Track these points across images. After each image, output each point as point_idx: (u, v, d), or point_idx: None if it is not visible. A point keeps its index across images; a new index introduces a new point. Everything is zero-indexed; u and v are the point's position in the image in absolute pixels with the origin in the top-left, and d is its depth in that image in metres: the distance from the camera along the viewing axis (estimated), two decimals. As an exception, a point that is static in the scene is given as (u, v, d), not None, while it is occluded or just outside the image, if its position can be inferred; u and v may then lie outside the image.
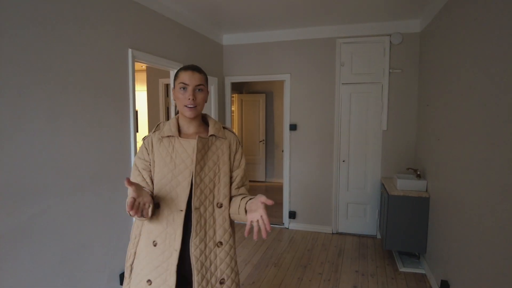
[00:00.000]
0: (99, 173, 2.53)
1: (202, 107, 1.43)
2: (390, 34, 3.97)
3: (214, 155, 1.43)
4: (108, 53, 2.59)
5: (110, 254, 2.66)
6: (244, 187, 1.52)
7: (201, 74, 1.41)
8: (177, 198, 1.38)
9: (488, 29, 2.10)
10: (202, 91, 1.41)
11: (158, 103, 4.95)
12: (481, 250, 2.07)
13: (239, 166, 1.50)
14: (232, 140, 1.50)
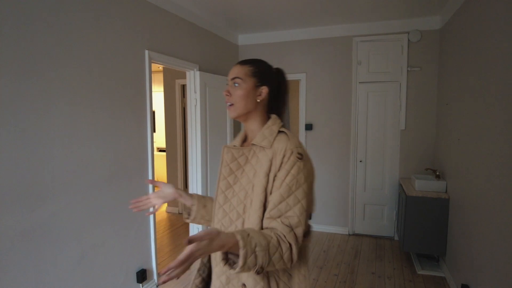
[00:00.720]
0: (116, 172, 2.58)
1: (241, 105, 1.14)
2: (408, 31, 3.88)
3: (251, 171, 1.11)
4: (125, 54, 2.64)
5: (127, 252, 2.71)
6: (280, 221, 0.99)
7: (243, 65, 1.17)
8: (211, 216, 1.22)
9: (511, 25, 2.02)
10: (239, 86, 1.14)
11: (175, 104, 5.01)
12: (504, 254, 2.00)
13: (279, 187, 1.02)
14: (279, 151, 1.05)
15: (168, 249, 3.84)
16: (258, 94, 1.15)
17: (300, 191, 1.01)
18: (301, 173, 1.02)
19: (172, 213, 5.17)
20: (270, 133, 1.12)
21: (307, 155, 1.08)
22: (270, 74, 1.19)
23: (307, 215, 1.06)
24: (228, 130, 4.12)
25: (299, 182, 1.01)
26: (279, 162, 1.04)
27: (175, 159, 5.10)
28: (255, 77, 1.15)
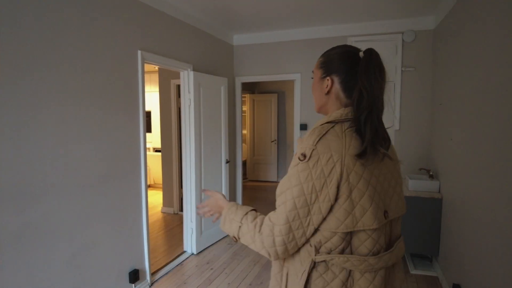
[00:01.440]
0: (108, 172, 2.58)
1: (315, 98, 1.14)
2: (402, 31, 3.89)
3: None
4: (118, 54, 2.63)
5: (120, 252, 2.71)
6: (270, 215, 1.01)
7: (321, 57, 1.12)
8: None
9: (505, 25, 2.03)
10: (313, 79, 1.14)
11: (170, 104, 5.00)
12: (495, 254, 2.00)
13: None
14: (299, 146, 1.01)
15: (163, 249, 3.83)
16: (324, 86, 1.07)
17: (288, 193, 0.94)
18: (296, 175, 0.94)
19: (167, 213, 5.16)
20: (313, 128, 1.03)
21: (327, 158, 0.92)
22: (338, 62, 1.05)
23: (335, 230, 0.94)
24: (223, 131, 4.12)
25: (290, 182, 0.95)
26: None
27: (170, 159, 5.09)
28: (321, 69, 1.09)
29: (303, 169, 0.93)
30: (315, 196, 0.92)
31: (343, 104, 1.05)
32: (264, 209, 5.39)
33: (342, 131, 0.97)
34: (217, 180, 4.07)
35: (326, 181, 0.91)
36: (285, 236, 0.94)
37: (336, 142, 0.94)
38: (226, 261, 3.55)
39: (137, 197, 2.89)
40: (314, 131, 0.99)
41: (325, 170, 0.92)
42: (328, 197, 0.91)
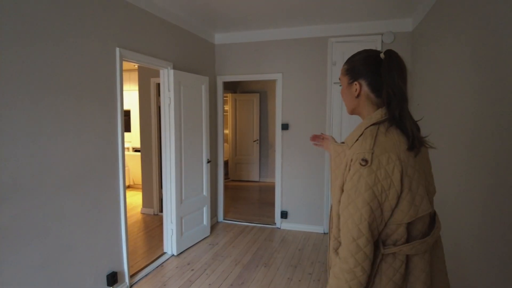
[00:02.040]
0: (85, 172, 2.50)
1: (346, 103, 1.22)
2: (382, 33, 3.96)
3: (340, 167, 1.14)
4: (95, 51, 2.56)
5: (97, 255, 2.63)
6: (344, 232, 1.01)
7: (344, 65, 1.21)
8: None
9: (478, 28, 2.09)
10: (341, 87, 1.23)
11: (150, 103, 4.91)
12: (471, 252, 2.06)
13: (343, 193, 1.05)
14: (351, 154, 1.04)
15: (143, 251, 3.76)
16: (353, 90, 1.15)
17: (360, 200, 0.97)
18: (362, 181, 0.97)
19: (147, 214, 5.07)
20: (357, 133, 1.10)
21: (387, 160, 0.97)
22: (362, 66, 1.13)
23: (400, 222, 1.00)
24: (204, 130, 4.08)
25: (359, 190, 0.97)
26: (348, 166, 1.04)
27: (150, 160, 5.00)
28: (347, 75, 1.17)
29: (369, 174, 0.97)
30: (385, 196, 0.97)
31: (375, 104, 1.13)
32: (246, 209, 5.39)
33: (387, 131, 1.04)
34: (198, 180, 4.02)
35: (392, 179, 0.97)
36: (370, 244, 0.98)
37: (388, 142, 1.01)
38: (207, 262, 3.51)
39: (115, 197, 2.81)
40: (366, 136, 1.04)
41: (388, 170, 0.97)
42: (396, 194, 0.98)
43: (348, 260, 0.99)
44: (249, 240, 4.15)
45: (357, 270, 0.98)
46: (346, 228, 1.00)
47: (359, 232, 0.97)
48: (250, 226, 4.66)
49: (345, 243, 1.00)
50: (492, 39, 1.85)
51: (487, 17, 1.93)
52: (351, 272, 0.99)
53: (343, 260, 1.00)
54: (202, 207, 4.14)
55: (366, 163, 0.98)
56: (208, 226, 4.26)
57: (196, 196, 4.01)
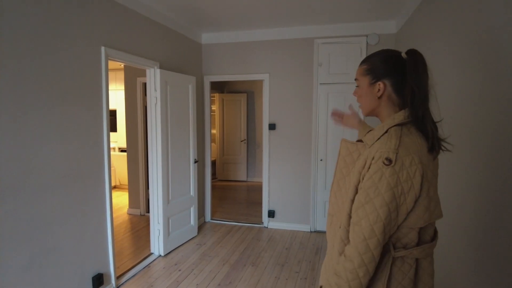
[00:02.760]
0: (70, 173, 2.47)
1: (364, 105, 1.17)
2: (367, 34, 4.03)
3: (356, 166, 1.11)
4: (80, 50, 2.52)
5: (82, 256, 2.60)
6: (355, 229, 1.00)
7: (360, 65, 1.17)
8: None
9: (461, 30, 2.16)
10: (358, 87, 1.18)
11: (136, 103, 4.87)
12: (458, 250, 2.12)
13: (360, 191, 1.01)
14: (373, 152, 1.01)
15: (129, 252, 3.73)
16: (376, 90, 1.12)
17: (379, 199, 0.95)
18: (384, 181, 0.95)
19: (134, 215, 5.02)
20: (378, 132, 1.06)
21: (410, 161, 0.95)
22: (386, 66, 1.10)
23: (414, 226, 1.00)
24: (191, 130, 4.07)
25: (378, 189, 0.95)
26: (368, 164, 1.00)
27: (136, 160, 4.96)
28: (369, 75, 1.13)
29: (391, 174, 0.95)
30: (403, 198, 0.95)
31: (396, 104, 1.12)
32: (234, 208, 5.40)
33: (410, 132, 1.03)
34: (185, 180, 4.01)
35: (413, 182, 0.95)
36: (380, 247, 0.96)
37: (412, 144, 1.00)
38: (194, 262, 3.51)
39: (101, 198, 2.79)
40: (391, 135, 1.02)
41: (410, 172, 0.95)
42: (415, 197, 0.96)
43: (354, 259, 0.97)
44: (236, 239, 4.16)
45: (361, 271, 0.96)
46: (358, 227, 0.98)
47: (371, 232, 0.95)
48: (237, 225, 4.67)
49: (354, 241, 0.98)
50: (475, 41, 1.91)
51: (470, 19, 1.99)
52: (354, 272, 0.97)
53: (348, 258, 0.99)
54: (189, 207, 4.13)
55: (390, 162, 0.95)
56: (196, 226, 4.25)
57: (183, 196, 4.00)
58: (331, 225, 1.25)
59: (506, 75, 1.51)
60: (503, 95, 1.53)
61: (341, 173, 1.21)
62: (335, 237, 1.18)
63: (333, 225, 1.23)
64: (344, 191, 1.16)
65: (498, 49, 1.60)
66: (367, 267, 0.96)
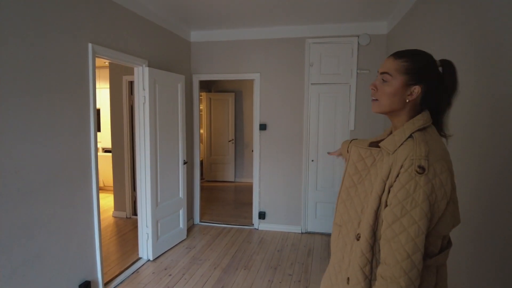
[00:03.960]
0: (54, 176, 2.34)
1: (386, 103, 1.06)
2: (358, 35, 4.02)
3: (375, 173, 1.05)
4: (65, 47, 2.39)
5: (69, 263, 2.47)
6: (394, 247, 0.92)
7: (397, 59, 1.04)
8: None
9: (448, 35, 2.15)
10: (387, 83, 1.04)
11: (122, 102, 4.71)
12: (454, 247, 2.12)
13: (391, 202, 0.94)
14: (399, 159, 0.95)
15: (116, 256, 3.59)
16: (408, 93, 1.03)
17: (417, 211, 0.89)
18: (420, 190, 0.90)
19: (119, 218, 4.86)
20: (400, 137, 1.00)
21: (441, 168, 0.91)
22: (428, 71, 1.02)
23: (438, 235, 0.97)
24: (180, 130, 3.96)
25: (415, 200, 0.90)
26: (396, 173, 0.95)
27: (122, 160, 4.80)
28: (408, 75, 1.02)
29: (426, 182, 0.90)
30: (437, 206, 0.91)
31: (416, 111, 1.06)
32: (223, 210, 5.31)
33: (432, 136, 0.99)
34: (174, 182, 3.90)
35: (445, 189, 0.91)
36: (422, 260, 0.92)
37: (438, 149, 0.96)
38: (185, 266, 3.41)
39: (88, 202, 2.66)
40: (418, 141, 0.96)
41: (442, 179, 0.91)
42: (446, 205, 0.92)
43: (400, 280, 0.90)
44: (227, 242, 4.08)
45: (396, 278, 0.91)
46: (396, 244, 0.91)
47: (415, 247, 0.90)
48: (227, 227, 4.59)
49: (395, 260, 0.91)
50: (468, 43, 1.90)
51: (462, 22, 1.99)
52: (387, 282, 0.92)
53: (391, 280, 0.91)
54: (178, 209, 4.02)
55: (423, 170, 0.90)
56: (185, 229, 4.15)
57: (172, 198, 3.89)
58: (339, 235, 1.19)
59: (500, 77, 1.50)
60: (497, 97, 1.52)
61: (351, 181, 1.16)
62: (345, 249, 1.13)
63: (341, 236, 1.17)
64: (358, 201, 1.11)
65: (492, 50, 1.59)
66: (414, 284, 0.90)
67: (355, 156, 1.15)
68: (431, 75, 1.02)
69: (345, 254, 1.13)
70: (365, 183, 1.09)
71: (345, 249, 1.13)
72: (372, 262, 1.02)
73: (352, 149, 1.18)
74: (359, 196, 1.10)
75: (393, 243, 0.92)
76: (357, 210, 1.09)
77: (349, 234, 1.12)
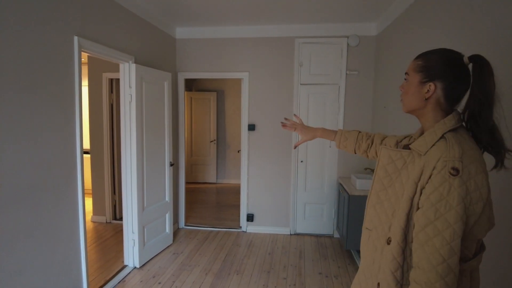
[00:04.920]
0: (37, 181, 2.13)
1: (407, 102, 1.09)
2: (348, 36, 4.02)
3: (406, 176, 1.03)
4: (49, 40, 2.18)
5: (53, 277, 2.26)
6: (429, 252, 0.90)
7: (415, 59, 1.08)
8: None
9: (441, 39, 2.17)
10: (407, 81, 1.09)
11: (101, 100, 4.45)
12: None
13: (424, 205, 0.93)
14: (432, 161, 0.93)
15: (99, 265, 3.37)
16: (425, 91, 1.03)
17: (452, 214, 0.87)
18: (454, 193, 0.88)
19: (99, 223, 4.60)
20: (431, 138, 0.99)
21: (475, 169, 0.89)
22: (444, 68, 1.00)
23: (474, 239, 0.94)
24: (167, 130, 3.79)
25: (449, 203, 0.88)
26: (428, 174, 0.92)
27: (101, 162, 4.54)
28: (422, 73, 1.04)
29: (460, 185, 0.88)
30: (472, 209, 0.89)
31: (443, 109, 1.03)
32: (207, 212, 5.17)
33: (464, 138, 0.96)
34: (160, 185, 3.72)
35: (481, 192, 0.88)
36: (458, 264, 0.90)
37: (472, 150, 0.92)
38: (174, 273, 3.25)
39: (73, 208, 2.45)
40: (451, 142, 0.93)
41: (477, 182, 0.88)
42: (482, 208, 0.89)
43: (436, 285, 0.88)
44: (215, 246, 3.95)
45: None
46: (430, 247, 0.89)
47: (451, 251, 0.87)
48: (214, 231, 4.46)
49: (430, 265, 0.89)
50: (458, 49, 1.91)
51: (454, 28, 2.00)
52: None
53: (426, 285, 0.89)
54: (164, 214, 3.84)
55: (457, 172, 0.88)
56: (171, 233, 3.98)
57: (158, 202, 3.71)
58: (368, 240, 1.17)
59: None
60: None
61: (381, 184, 1.13)
62: (375, 253, 1.11)
63: (371, 240, 1.15)
64: (388, 204, 1.08)
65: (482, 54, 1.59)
66: (445, 280, 0.88)
67: (385, 159, 1.13)
68: (448, 72, 1.00)
69: (375, 259, 1.11)
70: (395, 186, 1.07)
71: (375, 254, 1.11)
72: (403, 267, 1.00)
73: (382, 152, 1.15)
74: (389, 199, 1.08)
75: (427, 246, 0.90)
76: (388, 214, 1.08)
77: (379, 239, 1.10)
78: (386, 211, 1.08)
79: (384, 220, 1.09)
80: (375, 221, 1.13)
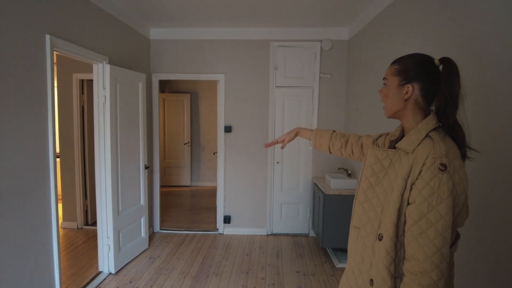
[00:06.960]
0: (6, 188, 2.03)
1: (388, 105, 1.16)
2: (321, 40, 4.14)
3: (394, 174, 1.08)
4: (19, 37, 2.10)
5: (25, 287, 2.16)
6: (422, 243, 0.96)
7: (391, 65, 1.16)
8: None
9: (411, 43, 2.30)
10: (385, 86, 1.17)
11: (72, 102, 4.30)
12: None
13: (416, 200, 0.98)
14: (420, 158, 0.99)
15: (71, 273, 3.24)
16: (404, 93, 1.11)
17: (443, 206, 0.94)
18: (444, 186, 0.95)
19: (70, 229, 4.42)
20: (417, 137, 1.05)
21: (458, 164, 0.97)
22: (419, 70, 1.08)
23: (455, 228, 1.03)
24: (141, 133, 3.72)
25: (440, 196, 0.94)
26: (417, 171, 0.99)
27: (72, 166, 4.38)
28: (399, 76, 1.12)
29: (448, 179, 0.95)
30: (457, 201, 0.97)
31: (422, 109, 1.11)
32: (183, 216, 5.11)
33: (445, 136, 1.03)
34: (135, 188, 3.65)
35: (463, 185, 0.96)
36: (448, 249, 0.96)
37: (453, 147, 1.00)
38: (151, 278, 3.20)
39: (46, 214, 2.36)
40: (437, 140, 1.00)
41: (461, 175, 0.97)
42: (464, 199, 0.98)
43: (432, 273, 0.94)
44: (192, 249, 3.92)
45: (441, 283, 0.94)
46: (424, 239, 0.95)
47: (443, 240, 0.94)
48: (190, 234, 4.42)
49: (425, 254, 0.95)
50: (427, 53, 2.05)
51: (421, 35, 2.13)
52: (435, 286, 0.94)
53: (422, 275, 0.95)
54: (139, 218, 3.77)
55: (445, 168, 0.95)
56: (146, 238, 3.90)
57: (133, 206, 3.63)
58: (357, 238, 1.21)
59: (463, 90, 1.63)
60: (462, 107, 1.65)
61: (368, 183, 1.18)
62: (365, 251, 1.15)
63: (360, 238, 1.19)
64: (377, 202, 1.13)
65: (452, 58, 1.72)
66: (444, 276, 0.95)
67: (371, 158, 1.17)
68: (422, 74, 1.08)
69: (365, 257, 1.15)
70: (383, 183, 1.12)
71: (365, 252, 1.15)
72: (395, 260, 1.04)
73: (368, 152, 1.20)
74: (378, 197, 1.13)
75: (421, 238, 0.95)
76: (377, 211, 1.12)
77: (369, 236, 1.14)
78: (375, 208, 1.13)
79: (373, 217, 1.13)
80: (363, 219, 1.17)
